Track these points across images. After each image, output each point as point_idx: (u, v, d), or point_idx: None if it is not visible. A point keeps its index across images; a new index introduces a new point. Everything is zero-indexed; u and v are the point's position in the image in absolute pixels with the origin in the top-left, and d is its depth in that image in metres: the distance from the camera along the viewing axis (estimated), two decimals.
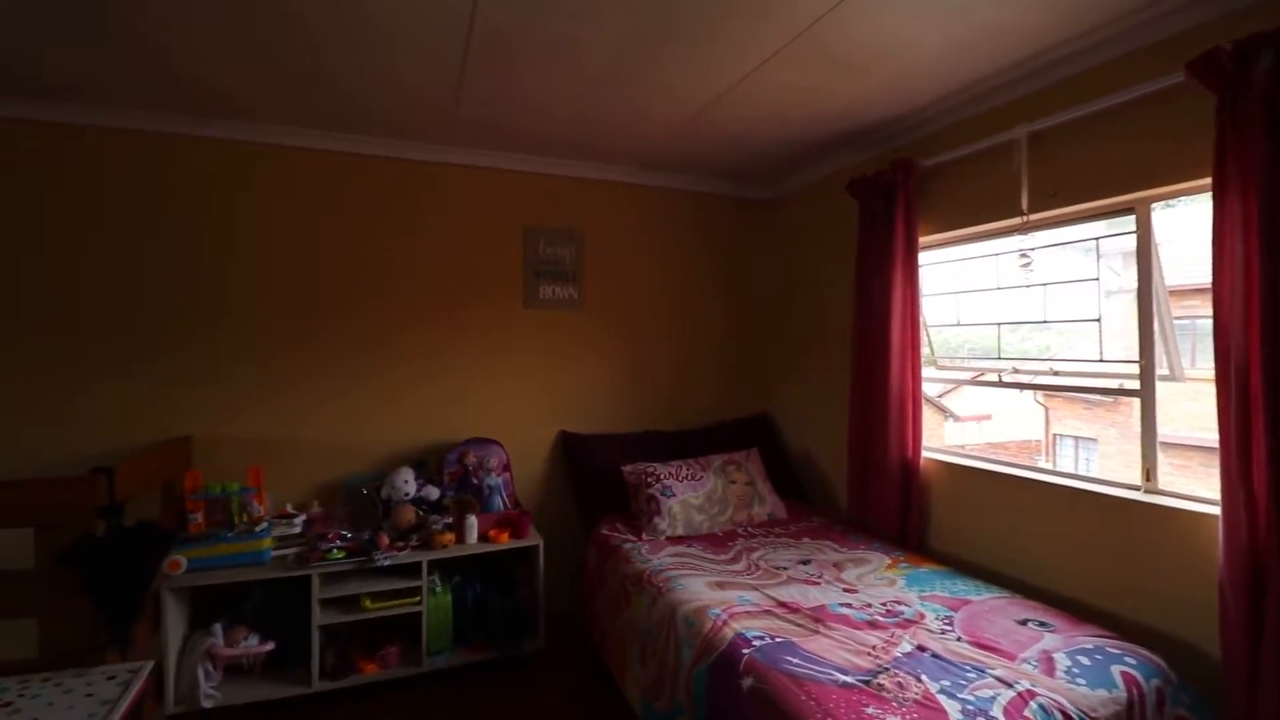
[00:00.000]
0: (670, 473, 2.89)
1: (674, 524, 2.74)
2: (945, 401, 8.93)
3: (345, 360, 2.91)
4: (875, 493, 2.72)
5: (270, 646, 2.44)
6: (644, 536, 2.71)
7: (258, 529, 2.48)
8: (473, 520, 2.66)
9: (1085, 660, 1.68)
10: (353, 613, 2.47)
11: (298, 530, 2.62)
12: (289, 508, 2.74)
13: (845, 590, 2.16)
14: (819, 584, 2.22)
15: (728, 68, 2.20)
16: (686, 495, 2.83)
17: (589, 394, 3.34)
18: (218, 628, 2.40)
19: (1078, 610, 2.05)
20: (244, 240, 2.76)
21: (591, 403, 3.35)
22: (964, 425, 9.29)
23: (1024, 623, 1.91)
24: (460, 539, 2.65)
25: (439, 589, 2.64)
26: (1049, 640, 1.79)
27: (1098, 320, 2.25)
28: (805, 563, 2.42)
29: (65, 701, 1.68)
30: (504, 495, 2.88)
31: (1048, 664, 1.67)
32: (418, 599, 2.55)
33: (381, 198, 2.95)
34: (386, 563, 2.47)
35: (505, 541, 2.68)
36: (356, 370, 2.93)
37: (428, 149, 2.97)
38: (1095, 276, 2.27)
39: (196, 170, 2.69)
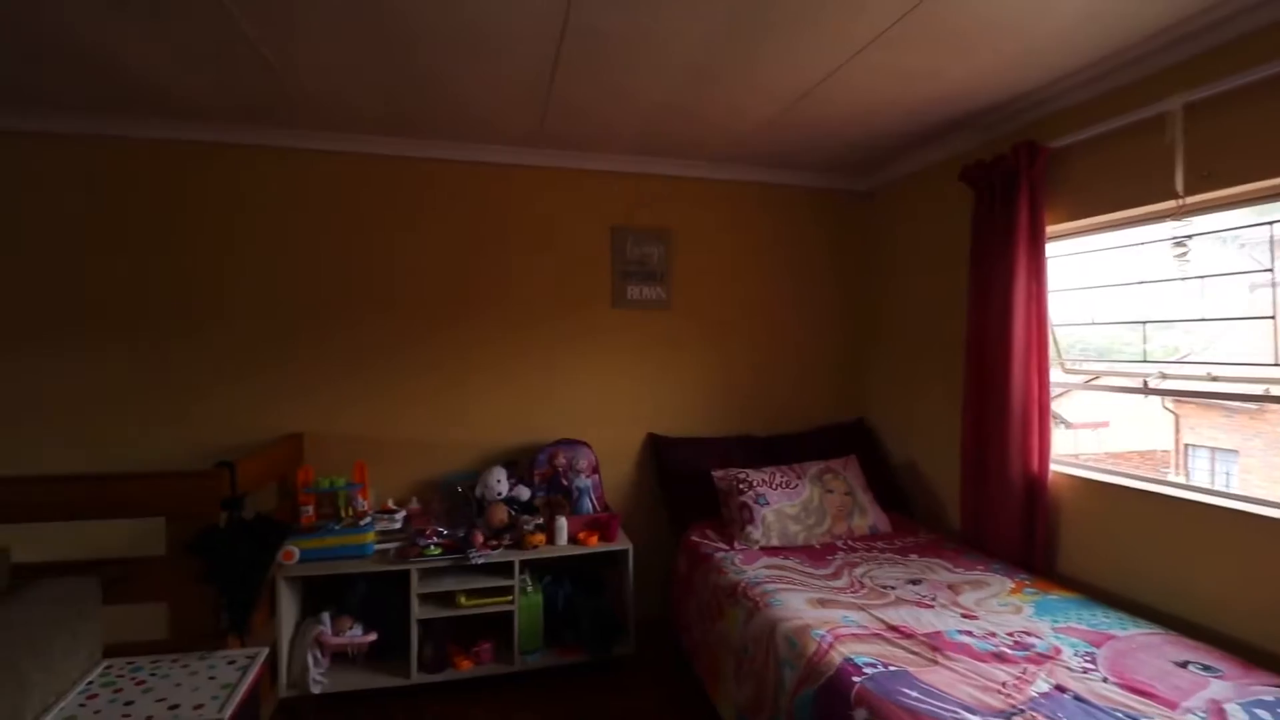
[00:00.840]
0: (763, 479, 2.77)
1: (768, 534, 2.62)
2: (1055, 406, 8.21)
3: (441, 362, 2.99)
4: (993, 508, 2.49)
5: (373, 638, 2.53)
6: (736, 545, 2.61)
7: (362, 523, 2.58)
8: (563, 522, 2.65)
9: (1265, 715, 1.44)
10: (449, 609, 2.52)
11: (398, 526, 2.71)
12: (390, 503, 2.84)
13: (964, 616, 1.97)
14: (932, 606, 2.04)
15: (826, 53, 2.06)
16: (781, 504, 2.70)
17: (677, 396, 3.27)
18: (325, 616, 2.51)
19: (1246, 654, 1.77)
20: (347, 251, 2.88)
21: (680, 405, 3.27)
22: (1077, 433, 8.52)
23: (1183, 665, 1.66)
24: (551, 540, 2.65)
25: (530, 588, 2.64)
26: (1216, 688, 1.55)
27: (1273, 318, 1.94)
28: (915, 582, 2.23)
29: (191, 683, 1.78)
30: (593, 497, 2.86)
31: (1218, 716, 1.44)
32: (510, 598, 2.56)
33: (472, 204, 3.00)
34: (480, 561, 2.50)
35: (595, 544, 2.66)
36: (451, 371, 3.00)
37: (516, 152, 2.99)
38: (1268, 267, 1.96)
39: (306, 184, 2.83)
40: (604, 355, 3.18)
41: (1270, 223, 1.95)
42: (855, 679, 1.60)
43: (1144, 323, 2.31)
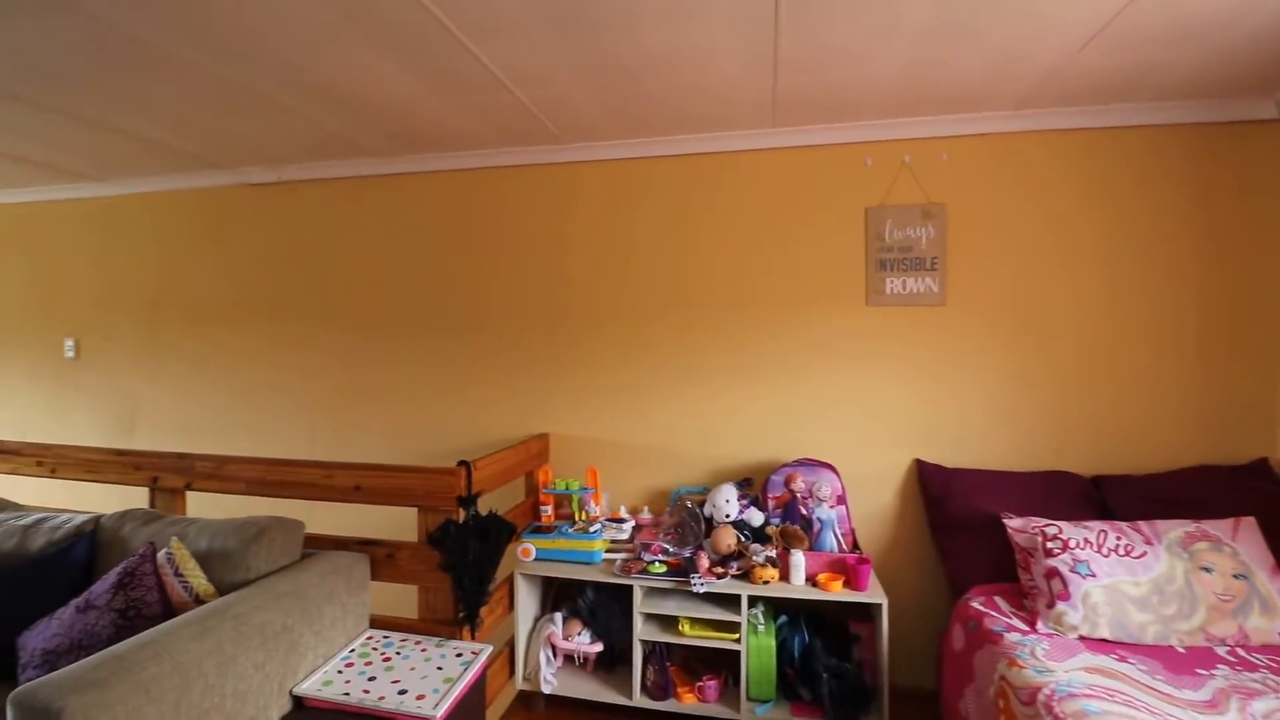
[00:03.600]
0: (1087, 539, 1.98)
1: (1092, 618, 1.85)
2: None
3: (675, 366, 2.84)
4: None
5: (599, 648, 2.48)
6: (1040, 628, 1.90)
7: (592, 529, 2.55)
8: (799, 558, 2.26)
9: None
10: (671, 634, 2.34)
11: (626, 536, 2.63)
12: (622, 511, 2.79)
13: None
14: None
15: None
16: (1116, 577, 1.89)
17: (955, 413, 2.59)
18: (558, 617, 2.54)
19: None
20: (593, 256, 2.93)
21: (959, 425, 2.59)
22: None
23: None
24: (784, 577, 2.29)
25: (762, 627, 2.32)
26: None
27: None
28: None
29: (422, 669, 1.87)
30: (838, 533, 2.40)
31: None
32: (737, 636, 2.27)
33: (701, 199, 2.79)
34: (702, 589, 2.26)
35: (838, 591, 2.21)
36: (686, 377, 2.83)
37: (746, 136, 2.69)
38: None
39: (542, 197, 2.95)
40: (857, 361, 2.66)
41: None
42: None
43: None
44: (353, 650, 1.97)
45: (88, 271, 3.62)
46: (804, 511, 2.44)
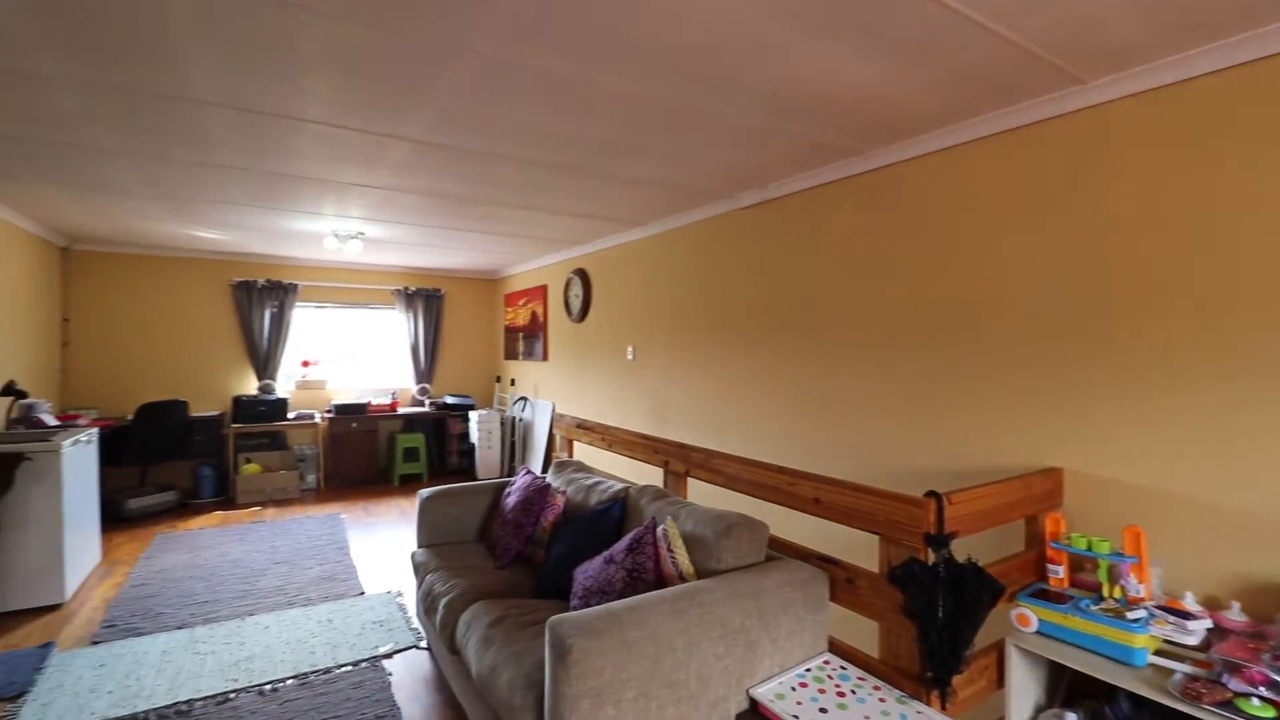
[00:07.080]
0: None
1: None
2: None
3: None
4: None
5: None
6: None
7: (1132, 615, 1.82)
8: None
9: None
10: None
11: (1194, 640, 1.77)
12: (1188, 601, 1.90)
13: None
14: None
15: None
16: None
17: None
18: (1072, 719, 1.91)
19: None
20: (1131, 227, 2.10)
21: None
22: None
23: None
24: None
25: None
26: None
27: None
28: None
29: None
30: None
31: None
32: None
33: None
34: None
35: None
36: None
37: None
38: None
39: (1058, 157, 2.24)
40: None
41: None
42: None
43: None
44: (809, 670, 1.90)
45: (637, 294, 4.73)
46: None
